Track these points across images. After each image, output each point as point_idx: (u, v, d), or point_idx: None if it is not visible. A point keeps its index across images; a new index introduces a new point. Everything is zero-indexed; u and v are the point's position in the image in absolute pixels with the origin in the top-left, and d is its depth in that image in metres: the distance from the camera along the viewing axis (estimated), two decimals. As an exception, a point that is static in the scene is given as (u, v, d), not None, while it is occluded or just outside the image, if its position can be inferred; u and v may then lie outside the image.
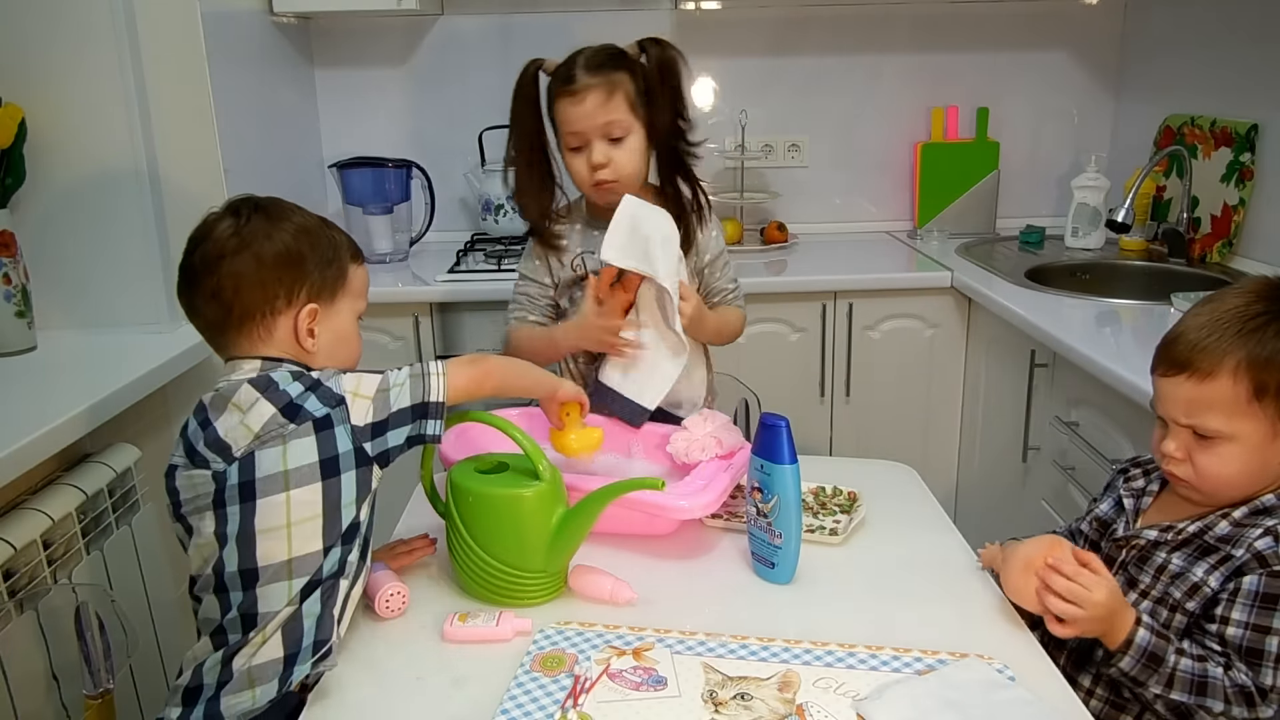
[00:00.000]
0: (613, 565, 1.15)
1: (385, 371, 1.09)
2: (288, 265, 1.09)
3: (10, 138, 1.58)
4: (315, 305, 1.10)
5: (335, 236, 1.15)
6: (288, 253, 1.09)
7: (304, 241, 1.10)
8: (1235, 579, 1.02)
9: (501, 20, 2.62)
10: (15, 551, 1.29)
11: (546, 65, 1.50)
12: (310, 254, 1.11)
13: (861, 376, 2.35)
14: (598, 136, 1.46)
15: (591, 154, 1.47)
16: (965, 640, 1.03)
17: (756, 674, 0.97)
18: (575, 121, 1.46)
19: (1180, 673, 1.00)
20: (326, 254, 1.12)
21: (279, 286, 1.08)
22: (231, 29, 2.13)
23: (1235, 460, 1.03)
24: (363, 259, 1.20)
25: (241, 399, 1.02)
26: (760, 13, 2.64)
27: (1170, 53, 2.48)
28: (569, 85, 1.45)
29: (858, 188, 2.79)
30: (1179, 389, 1.04)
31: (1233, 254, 2.21)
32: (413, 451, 1.11)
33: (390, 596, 1.10)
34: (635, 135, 1.48)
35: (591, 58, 1.46)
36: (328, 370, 1.08)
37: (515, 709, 0.93)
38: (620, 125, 1.46)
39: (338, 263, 1.13)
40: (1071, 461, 1.83)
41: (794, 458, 1.11)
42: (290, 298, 1.09)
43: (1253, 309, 1.03)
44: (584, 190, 1.54)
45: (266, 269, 1.07)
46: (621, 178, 1.48)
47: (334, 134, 2.68)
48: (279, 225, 1.09)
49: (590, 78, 1.44)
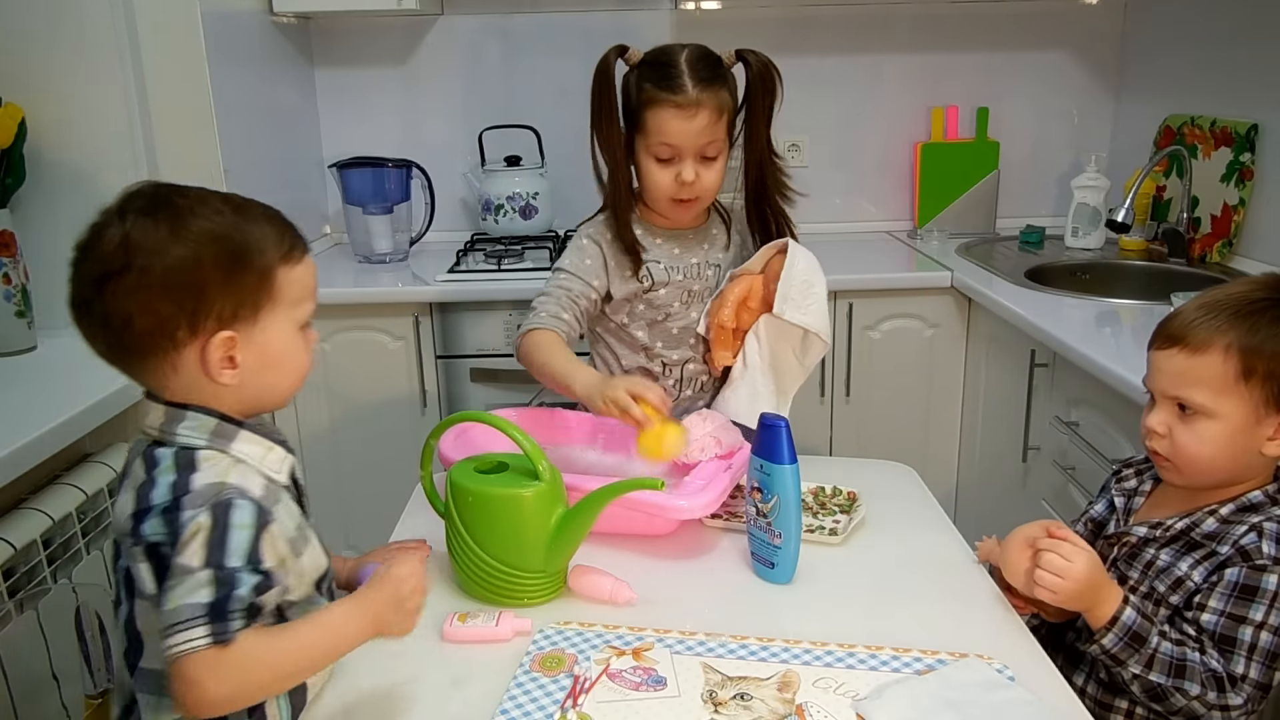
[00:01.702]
0: (613, 565, 1.15)
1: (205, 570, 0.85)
2: (187, 286, 0.87)
3: (10, 138, 1.58)
4: (231, 333, 0.90)
5: (254, 235, 0.92)
6: (184, 269, 0.87)
7: (208, 252, 0.88)
8: (1218, 573, 1.03)
9: (501, 20, 2.62)
10: (15, 551, 1.29)
11: (630, 55, 1.42)
12: (216, 268, 0.88)
13: (861, 376, 2.35)
14: (694, 155, 1.39)
15: (683, 171, 1.39)
16: (965, 640, 1.03)
17: (756, 674, 0.97)
18: (677, 135, 1.37)
19: (1161, 654, 1.02)
20: (240, 263, 0.90)
21: (178, 314, 0.88)
22: (231, 29, 2.13)
23: (1213, 441, 1.04)
24: (302, 252, 0.96)
25: (133, 475, 0.91)
26: (760, 13, 2.64)
27: (1170, 53, 2.48)
28: (676, 95, 1.36)
29: (858, 188, 2.79)
30: (1170, 361, 1.06)
31: (1233, 254, 2.21)
32: (412, 452, 1.11)
33: None
34: (724, 156, 1.43)
35: (698, 65, 1.37)
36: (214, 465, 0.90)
37: (515, 709, 0.93)
38: (717, 146, 1.40)
39: (258, 271, 0.91)
40: (1071, 461, 1.83)
41: (794, 458, 1.11)
42: (194, 326, 0.88)
43: (1254, 295, 1.05)
44: (657, 202, 1.46)
45: (157, 293, 0.87)
46: (703, 196, 1.44)
47: (334, 134, 2.69)
48: (176, 232, 0.88)
49: (701, 91, 1.36)
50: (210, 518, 0.86)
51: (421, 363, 2.25)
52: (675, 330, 1.53)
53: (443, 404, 2.30)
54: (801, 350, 1.47)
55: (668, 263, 1.50)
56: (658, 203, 1.46)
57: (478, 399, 2.28)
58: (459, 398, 2.30)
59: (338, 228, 2.70)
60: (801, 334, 1.46)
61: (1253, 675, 1.00)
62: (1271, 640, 1.00)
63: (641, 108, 1.39)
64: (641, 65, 1.41)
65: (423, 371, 2.25)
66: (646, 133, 1.40)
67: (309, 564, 0.97)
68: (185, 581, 0.84)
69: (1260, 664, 1.00)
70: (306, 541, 0.97)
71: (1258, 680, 1.00)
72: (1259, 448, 1.05)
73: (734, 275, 1.52)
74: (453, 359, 2.28)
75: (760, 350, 1.47)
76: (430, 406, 2.29)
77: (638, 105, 1.40)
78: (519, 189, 2.51)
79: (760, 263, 1.50)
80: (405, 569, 0.95)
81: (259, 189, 1.02)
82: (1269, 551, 1.01)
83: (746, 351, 1.48)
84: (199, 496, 0.87)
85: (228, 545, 0.86)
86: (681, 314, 1.53)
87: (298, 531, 0.95)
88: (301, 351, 0.98)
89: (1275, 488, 1.07)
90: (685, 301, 1.53)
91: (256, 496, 0.90)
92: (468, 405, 2.28)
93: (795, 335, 1.46)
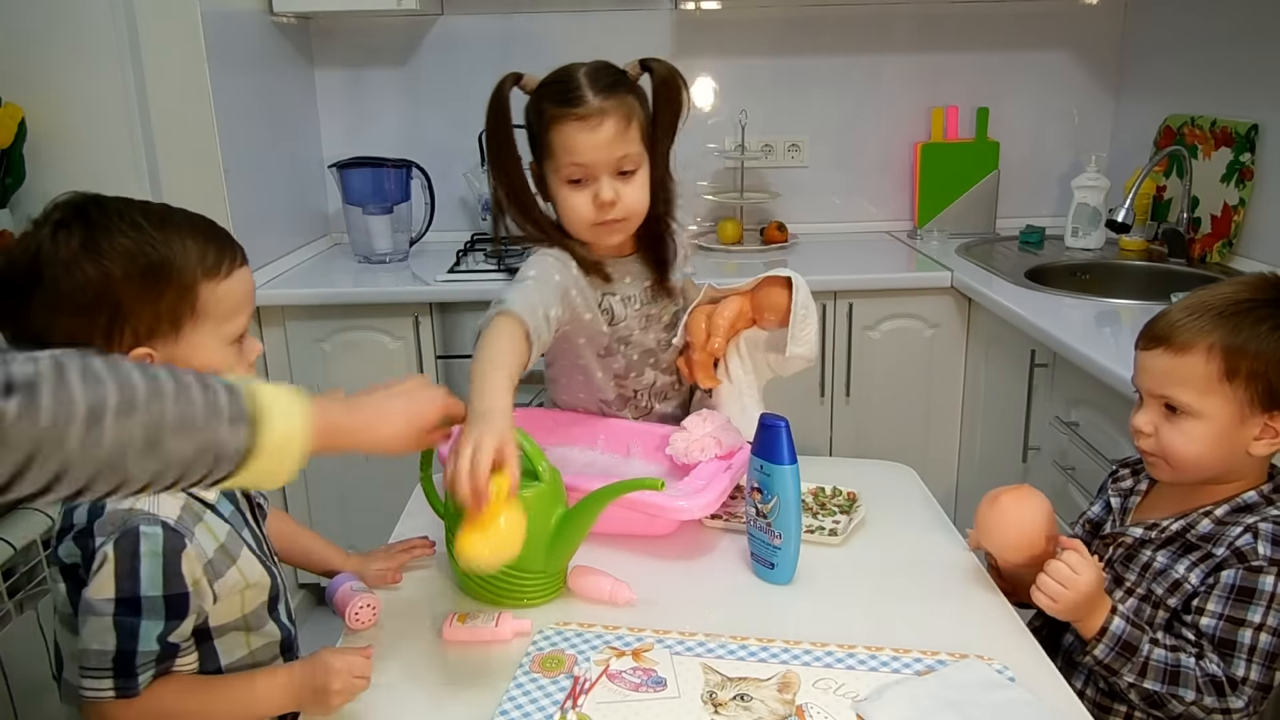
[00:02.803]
0: (613, 565, 1.15)
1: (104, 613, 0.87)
2: (97, 303, 0.87)
3: (10, 138, 1.59)
4: (144, 349, 0.89)
5: (173, 250, 0.90)
6: (92, 286, 0.87)
7: (119, 267, 0.87)
8: (1215, 575, 1.04)
9: (501, 20, 2.62)
10: (15, 551, 1.29)
11: (526, 82, 1.29)
12: (128, 284, 0.88)
13: (861, 376, 2.35)
14: (608, 171, 1.26)
15: (600, 190, 1.26)
16: (965, 640, 1.03)
17: (756, 675, 0.97)
18: (584, 152, 1.24)
19: (1154, 662, 1.02)
20: (156, 279, 0.89)
21: (90, 328, 0.87)
22: (231, 29, 2.13)
23: (1200, 440, 1.05)
24: (230, 265, 0.94)
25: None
26: (760, 12, 2.64)
27: (1170, 53, 2.48)
28: (575, 107, 1.23)
29: (858, 188, 2.79)
30: (1156, 361, 1.07)
31: (1233, 254, 2.21)
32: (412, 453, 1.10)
33: (360, 610, 1.09)
34: (644, 170, 1.29)
35: (596, 76, 1.25)
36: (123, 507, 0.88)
37: (514, 710, 0.93)
38: (633, 159, 1.27)
39: (177, 287, 0.90)
40: (1071, 461, 1.83)
41: (794, 458, 1.11)
42: (109, 342, 0.88)
43: (1239, 296, 1.05)
44: (578, 230, 1.31)
45: (67, 309, 0.87)
46: (630, 216, 1.30)
47: (334, 134, 2.69)
48: (87, 245, 0.87)
49: (602, 100, 1.23)
50: (115, 550, 0.87)
51: (421, 363, 2.25)
52: (635, 356, 1.42)
53: (443, 404, 2.29)
54: (781, 364, 1.42)
55: (623, 293, 1.38)
56: (580, 232, 1.31)
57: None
58: (459, 398, 2.29)
59: (338, 228, 2.70)
60: (785, 353, 1.39)
61: (1253, 677, 1.00)
62: (1270, 641, 1.01)
63: (544, 130, 1.26)
64: (539, 88, 1.29)
65: (422, 371, 2.25)
66: (554, 155, 1.26)
67: (234, 583, 0.96)
68: (90, 624, 0.87)
69: (1260, 665, 1.01)
70: (231, 561, 0.95)
71: (1258, 682, 1.01)
72: (1245, 447, 1.05)
73: (714, 295, 1.42)
74: (453, 359, 2.28)
75: (743, 365, 1.44)
76: (430, 406, 2.28)
77: (540, 129, 1.27)
78: (519, 189, 2.51)
79: (752, 284, 1.40)
80: (341, 663, 0.94)
81: (259, 189, 1.02)
82: (1264, 552, 1.01)
83: (730, 368, 1.43)
84: (108, 523, 0.88)
85: (139, 575, 0.87)
86: (640, 341, 1.41)
87: (218, 553, 0.94)
88: (233, 367, 0.95)
89: (1270, 488, 1.07)
90: (644, 327, 1.41)
91: (170, 518, 0.90)
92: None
93: (780, 354, 1.40)
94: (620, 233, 1.32)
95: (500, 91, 1.28)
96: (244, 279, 0.96)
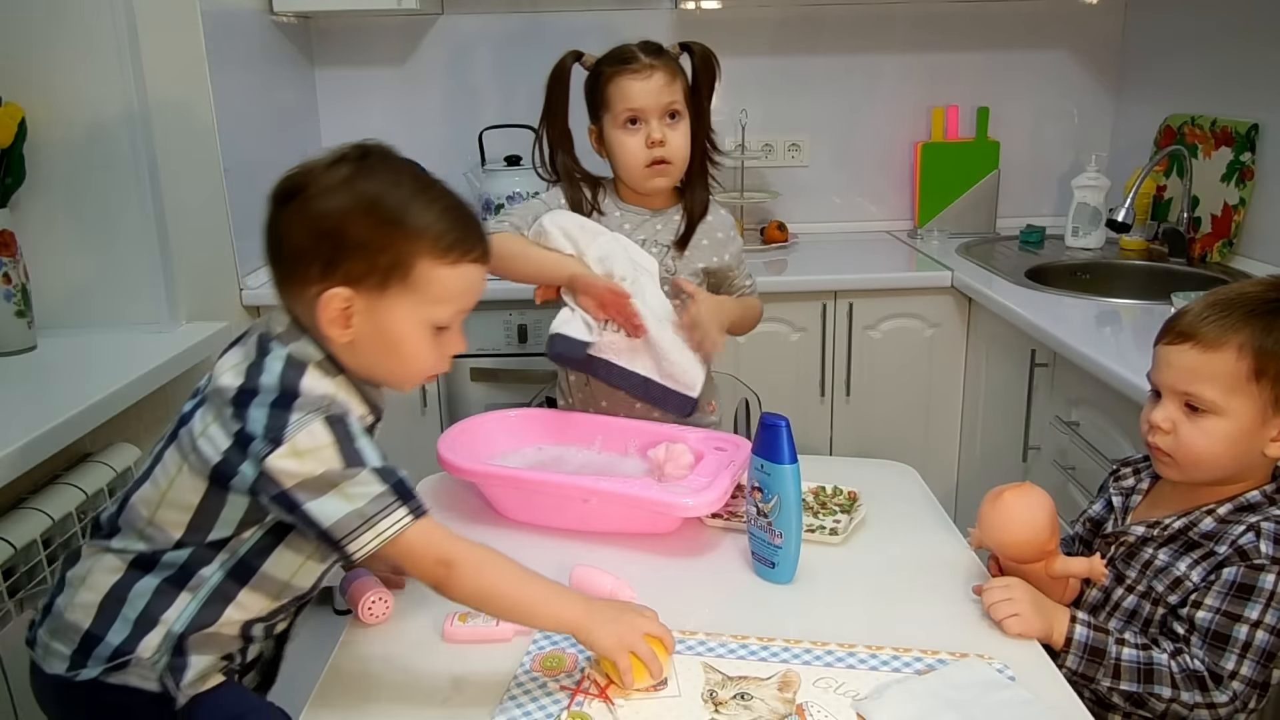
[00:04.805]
0: (613, 565, 1.15)
1: (353, 470, 0.90)
2: (327, 233, 0.92)
3: (10, 138, 1.58)
4: (349, 291, 0.93)
5: (413, 217, 0.94)
6: (332, 215, 0.92)
7: (358, 213, 0.92)
8: (1216, 573, 1.04)
9: (501, 20, 2.62)
10: (15, 551, 1.29)
11: (585, 60, 1.52)
12: (357, 226, 0.92)
13: (862, 376, 2.35)
14: (658, 115, 1.47)
15: (651, 130, 1.46)
16: (965, 640, 1.03)
17: (756, 674, 0.97)
18: (638, 97, 1.46)
19: (1124, 662, 1.03)
20: (382, 233, 0.93)
21: (315, 254, 0.93)
22: (231, 29, 2.13)
23: (1220, 439, 1.04)
24: (460, 258, 0.97)
25: (244, 348, 0.97)
26: (760, 12, 2.64)
27: (1170, 53, 2.48)
28: (630, 63, 1.47)
29: (858, 187, 2.79)
30: (1181, 357, 1.06)
31: (1233, 254, 2.21)
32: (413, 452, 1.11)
33: (373, 603, 1.09)
34: (687, 122, 1.50)
35: (645, 45, 1.49)
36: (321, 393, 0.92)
37: (515, 709, 0.93)
38: (679, 106, 1.48)
39: (400, 248, 0.93)
40: (1071, 461, 1.83)
41: (794, 457, 1.11)
42: (325, 272, 0.93)
43: (1267, 295, 1.05)
44: (632, 172, 1.51)
45: (307, 228, 0.93)
46: (675, 161, 1.49)
47: (334, 134, 2.67)
48: (349, 181, 0.93)
49: (652, 59, 1.47)
50: (329, 428, 0.89)
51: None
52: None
53: (443, 404, 2.30)
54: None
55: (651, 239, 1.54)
56: (633, 173, 1.51)
57: (478, 399, 2.28)
58: (459, 398, 2.29)
59: (338, 227, 2.69)
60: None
61: (1244, 672, 1.00)
62: (1267, 639, 1.01)
63: (603, 87, 1.49)
64: (599, 61, 1.51)
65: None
66: (611, 104, 1.48)
67: None
68: (344, 485, 0.89)
69: (1254, 662, 1.01)
70: None
71: (1250, 678, 1.01)
72: (1261, 448, 1.05)
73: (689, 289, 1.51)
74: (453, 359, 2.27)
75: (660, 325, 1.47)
76: (430, 406, 2.29)
77: (599, 88, 1.50)
78: (519, 189, 2.51)
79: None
80: (646, 621, 0.96)
81: (259, 189, 1.03)
82: (1266, 551, 1.02)
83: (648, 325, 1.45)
84: (309, 401, 0.90)
85: (361, 450, 0.91)
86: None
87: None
88: (424, 349, 0.99)
89: (1273, 488, 1.07)
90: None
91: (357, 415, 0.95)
92: (468, 405, 2.28)
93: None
94: (666, 176, 1.50)
95: (563, 64, 1.53)
96: (467, 275, 0.98)
